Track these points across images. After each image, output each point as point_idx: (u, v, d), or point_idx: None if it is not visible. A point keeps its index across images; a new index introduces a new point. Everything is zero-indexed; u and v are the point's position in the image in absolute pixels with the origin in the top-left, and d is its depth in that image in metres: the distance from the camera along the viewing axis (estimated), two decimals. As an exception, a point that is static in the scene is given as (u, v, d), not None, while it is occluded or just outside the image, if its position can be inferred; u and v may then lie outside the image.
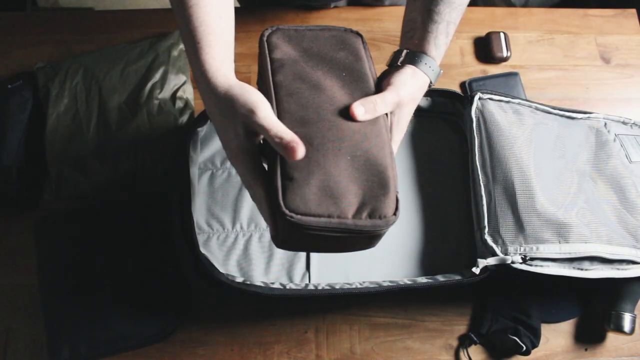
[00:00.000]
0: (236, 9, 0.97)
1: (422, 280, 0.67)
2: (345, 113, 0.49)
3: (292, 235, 0.48)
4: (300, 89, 0.50)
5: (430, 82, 0.58)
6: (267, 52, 0.53)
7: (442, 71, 0.59)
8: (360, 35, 0.57)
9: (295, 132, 0.46)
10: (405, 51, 0.57)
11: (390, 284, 0.66)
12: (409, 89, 0.54)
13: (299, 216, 0.45)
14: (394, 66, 0.57)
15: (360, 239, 0.49)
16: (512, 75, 0.89)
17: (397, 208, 0.48)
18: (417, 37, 0.57)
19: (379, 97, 0.51)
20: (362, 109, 0.49)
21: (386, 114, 0.53)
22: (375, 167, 0.47)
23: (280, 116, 0.48)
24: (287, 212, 0.44)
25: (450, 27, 0.58)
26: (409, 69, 0.55)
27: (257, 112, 0.45)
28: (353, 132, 0.48)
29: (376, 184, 0.47)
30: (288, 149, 0.44)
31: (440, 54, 0.58)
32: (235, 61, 0.59)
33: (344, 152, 0.47)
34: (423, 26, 0.57)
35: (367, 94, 0.52)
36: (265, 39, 0.55)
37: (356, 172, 0.47)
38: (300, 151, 0.44)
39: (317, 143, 0.47)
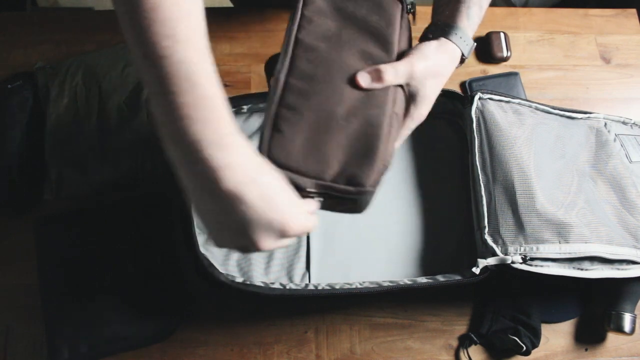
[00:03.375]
0: (235, 9, 0.98)
1: (422, 280, 0.67)
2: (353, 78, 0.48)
3: None
4: (319, 47, 0.50)
5: (463, 55, 0.55)
6: (300, 5, 0.53)
7: (475, 44, 0.55)
8: (402, 2, 0.55)
9: (298, 87, 0.46)
10: (437, 24, 0.54)
11: (390, 284, 0.66)
12: (429, 62, 0.51)
13: (279, 169, 0.44)
14: (424, 40, 0.54)
15: (339, 202, 0.48)
16: (512, 75, 0.89)
17: (377, 181, 0.47)
18: (450, 8, 0.55)
19: (389, 66, 0.48)
20: (367, 77, 0.48)
21: (402, 87, 0.51)
22: (366, 136, 0.47)
23: (290, 70, 0.48)
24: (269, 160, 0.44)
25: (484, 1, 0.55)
26: (434, 42, 0.52)
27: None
28: (354, 98, 0.48)
29: (362, 152, 0.46)
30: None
31: (473, 25, 0.55)
32: (235, 61, 0.58)
33: (338, 116, 0.47)
34: None
35: (384, 62, 0.50)
36: None
37: (345, 138, 0.47)
38: None
39: (315, 102, 0.47)
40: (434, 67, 0.52)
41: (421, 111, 0.53)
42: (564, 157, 0.73)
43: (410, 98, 0.52)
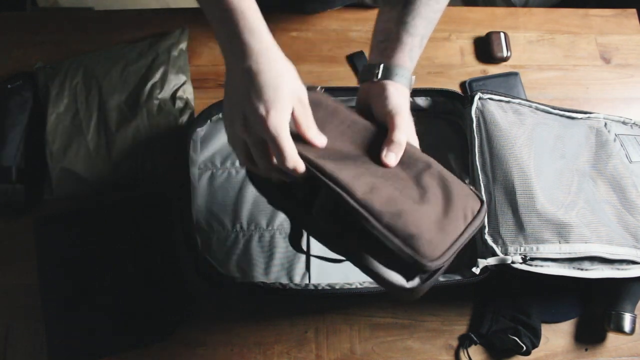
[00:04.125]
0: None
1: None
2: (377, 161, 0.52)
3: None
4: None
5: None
6: None
7: (414, 79, 0.59)
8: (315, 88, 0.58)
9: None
10: (382, 65, 0.57)
11: None
12: (405, 109, 0.55)
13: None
14: (372, 80, 0.57)
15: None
16: (512, 75, 0.89)
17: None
18: (392, 48, 0.58)
19: (397, 140, 0.52)
20: (392, 157, 0.52)
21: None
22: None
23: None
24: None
25: (424, 41, 0.59)
26: (391, 87, 0.56)
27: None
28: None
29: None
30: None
31: (413, 66, 0.59)
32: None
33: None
34: (398, 38, 0.57)
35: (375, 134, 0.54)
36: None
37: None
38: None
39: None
40: (407, 109, 0.56)
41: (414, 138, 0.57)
42: (564, 157, 0.73)
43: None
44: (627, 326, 0.70)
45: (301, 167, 0.47)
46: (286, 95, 0.46)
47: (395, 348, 0.73)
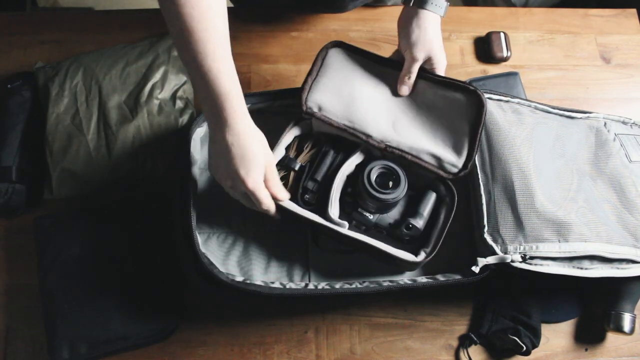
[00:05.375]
0: (235, 9, 0.98)
1: (422, 279, 0.67)
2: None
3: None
4: None
5: (441, 16, 0.69)
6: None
7: (448, 4, 0.69)
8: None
9: None
10: None
11: (390, 283, 0.66)
12: (428, 39, 0.67)
13: None
14: (408, 4, 0.69)
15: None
16: (512, 75, 0.89)
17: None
18: None
19: (406, 71, 0.69)
20: (405, 88, 0.71)
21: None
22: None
23: None
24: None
25: None
26: (422, 14, 0.67)
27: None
28: None
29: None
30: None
31: None
32: (235, 61, 0.59)
33: None
34: None
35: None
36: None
37: None
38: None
39: None
40: (424, 41, 0.67)
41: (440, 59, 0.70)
42: (563, 157, 0.73)
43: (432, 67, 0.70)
44: (626, 326, 0.70)
45: (272, 208, 0.64)
46: (260, 163, 0.60)
47: (395, 348, 0.73)
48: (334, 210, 0.67)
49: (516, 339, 0.69)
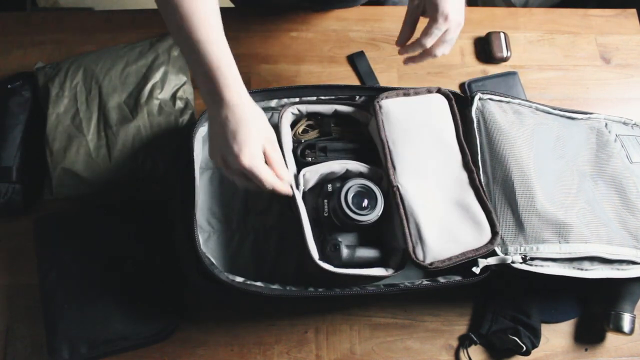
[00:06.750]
0: (236, 9, 0.97)
1: (423, 282, 0.67)
2: None
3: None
4: None
5: None
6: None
7: None
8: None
9: None
10: None
11: (390, 287, 0.65)
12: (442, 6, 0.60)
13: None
14: None
15: None
16: (511, 74, 0.89)
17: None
18: None
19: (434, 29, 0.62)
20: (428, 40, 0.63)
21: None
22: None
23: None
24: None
25: None
26: None
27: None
28: None
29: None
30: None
31: None
32: (236, 61, 0.59)
33: None
34: None
35: None
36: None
37: None
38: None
39: None
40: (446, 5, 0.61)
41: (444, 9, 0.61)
42: (564, 158, 0.73)
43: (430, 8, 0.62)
44: (626, 326, 0.70)
45: (280, 187, 0.58)
46: (255, 136, 0.56)
47: (395, 348, 0.73)
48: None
49: (516, 339, 0.69)
